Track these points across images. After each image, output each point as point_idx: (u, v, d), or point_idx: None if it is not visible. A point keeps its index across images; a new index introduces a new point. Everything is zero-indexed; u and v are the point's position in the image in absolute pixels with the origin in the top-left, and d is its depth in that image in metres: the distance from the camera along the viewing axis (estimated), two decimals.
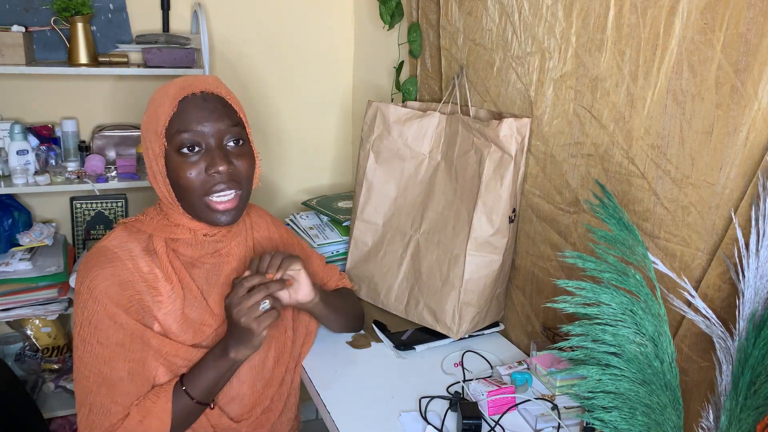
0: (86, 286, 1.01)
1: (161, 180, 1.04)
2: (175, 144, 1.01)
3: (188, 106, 1.01)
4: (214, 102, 1.03)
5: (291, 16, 2.10)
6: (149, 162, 1.06)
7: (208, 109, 1.02)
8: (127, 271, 1.03)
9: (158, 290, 1.05)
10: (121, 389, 1.00)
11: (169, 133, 1.01)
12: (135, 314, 1.03)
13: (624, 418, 0.88)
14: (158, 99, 1.04)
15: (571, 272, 1.22)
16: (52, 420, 1.91)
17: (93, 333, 1.00)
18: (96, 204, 2.01)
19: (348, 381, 1.23)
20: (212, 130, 1.02)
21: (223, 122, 1.03)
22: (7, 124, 1.74)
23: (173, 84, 1.05)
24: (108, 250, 1.05)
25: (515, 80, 1.32)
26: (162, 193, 1.06)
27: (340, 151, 2.30)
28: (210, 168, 1.02)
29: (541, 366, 1.21)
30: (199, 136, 1.01)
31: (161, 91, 1.06)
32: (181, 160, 1.01)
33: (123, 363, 1.01)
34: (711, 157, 0.93)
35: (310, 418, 2.01)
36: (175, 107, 1.01)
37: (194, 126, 1.01)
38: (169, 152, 1.02)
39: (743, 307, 0.86)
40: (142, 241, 1.07)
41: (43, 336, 1.96)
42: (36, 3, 1.79)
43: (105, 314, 1.00)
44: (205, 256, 1.11)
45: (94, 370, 1.00)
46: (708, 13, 0.91)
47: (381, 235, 1.47)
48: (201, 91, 1.02)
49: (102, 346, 1.00)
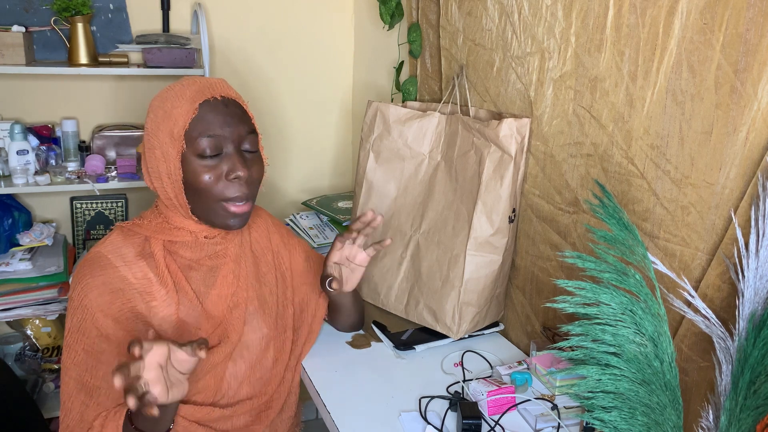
0: (77, 293, 1.02)
1: (171, 182, 1.03)
2: (195, 147, 1.01)
3: (210, 110, 1.01)
4: (234, 107, 1.04)
5: (291, 16, 2.10)
6: (155, 163, 1.04)
7: (229, 114, 1.03)
8: (119, 280, 1.03)
9: (152, 295, 1.05)
10: (98, 398, 1.01)
11: (190, 136, 1.00)
12: (126, 323, 1.03)
13: (624, 418, 0.88)
14: (173, 100, 1.02)
15: (570, 272, 1.23)
16: (52, 420, 1.91)
17: (79, 340, 1.01)
18: (96, 204, 2.01)
19: (348, 381, 1.23)
20: (233, 136, 1.03)
21: (242, 128, 1.04)
22: (7, 124, 1.74)
23: (186, 86, 1.03)
24: (101, 257, 1.05)
25: (515, 80, 1.32)
26: (167, 195, 1.05)
27: (340, 151, 2.31)
28: (230, 173, 1.02)
29: (541, 366, 1.21)
30: (221, 141, 1.02)
31: (174, 92, 1.03)
32: (200, 163, 1.01)
33: (104, 372, 1.00)
34: (711, 157, 0.93)
35: (310, 418, 2.01)
36: (196, 110, 1.00)
37: (217, 130, 1.01)
38: (186, 155, 1.01)
39: (743, 307, 0.86)
40: (137, 244, 1.07)
41: (43, 336, 1.96)
42: (36, 3, 1.79)
43: (92, 324, 1.01)
44: (204, 258, 1.11)
45: (74, 376, 1.01)
46: (707, 13, 0.91)
47: (381, 235, 1.47)
48: (222, 96, 1.03)
49: (86, 354, 1.01)
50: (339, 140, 2.29)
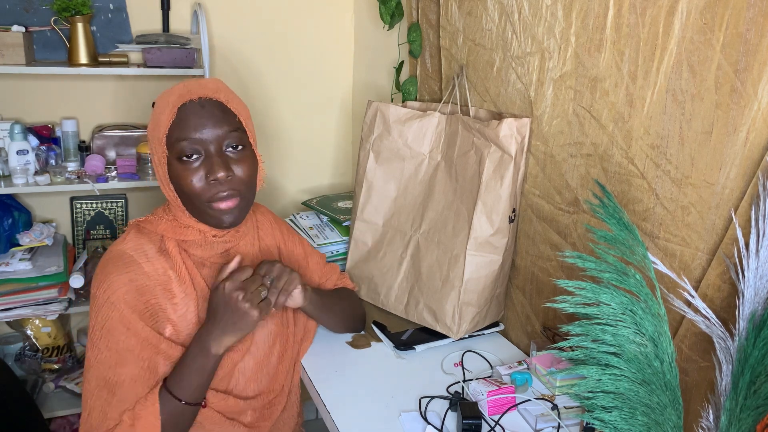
0: (103, 291, 1.03)
1: (167, 185, 1.06)
2: (175, 151, 1.02)
3: (186, 114, 1.02)
4: (211, 108, 1.03)
5: (291, 16, 2.10)
6: (155, 166, 1.07)
7: (205, 116, 1.02)
8: (144, 276, 1.05)
9: (173, 292, 1.07)
10: (121, 395, 1.01)
11: (170, 140, 1.02)
12: (149, 319, 1.04)
13: (624, 418, 0.88)
14: (161, 106, 1.05)
15: (571, 272, 1.23)
16: (52, 420, 1.91)
17: (103, 337, 1.02)
18: (96, 204, 2.01)
19: (348, 381, 1.23)
20: (210, 137, 1.02)
21: (221, 128, 1.03)
22: (7, 124, 1.74)
23: (174, 90, 1.05)
24: (125, 254, 1.06)
25: (515, 80, 1.32)
26: (170, 197, 1.08)
27: (340, 151, 2.31)
28: (209, 175, 1.02)
29: (541, 366, 1.21)
30: (197, 143, 1.02)
31: (164, 97, 1.06)
32: (182, 167, 1.02)
33: (128, 368, 1.01)
34: (711, 157, 0.93)
35: (310, 418, 2.01)
36: (174, 114, 1.01)
37: (192, 133, 1.01)
38: (171, 159, 1.03)
39: (743, 307, 0.86)
40: (155, 241, 1.09)
41: (43, 336, 1.96)
42: (36, 3, 1.79)
43: (119, 320, 1.01)
44: (215, 256, 1.12)
45: (97, 374, 1.02)
46: (707, 13, 0.91)
47: (381, 235, 1.47)
48: (199, 98, 1.03)
49: (110, 351, 1.01)
50: (339, 140, 2.29)
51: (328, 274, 1.38)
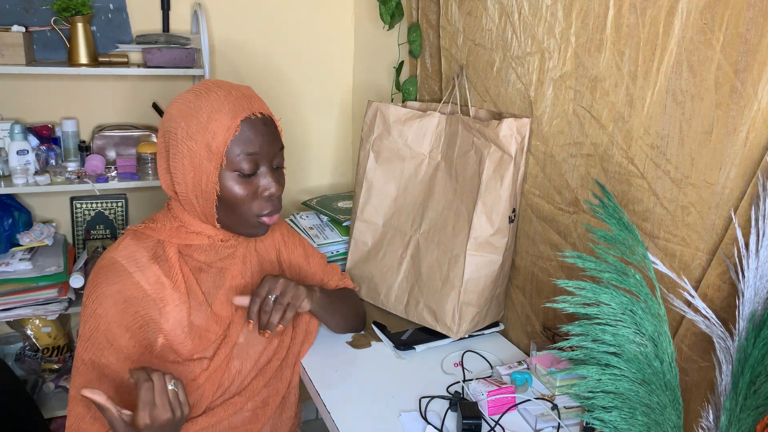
0: (92, 302, 1.03)
1: (202, 193, 1.03)
2: (233, 165, 1.01)
3: (251, 128, 1.02)
4: (271, 125, 1.06)
5: (291, 16, 2.10)
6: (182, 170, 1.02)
7: (268, 133, 1.05)
8: (133, 287, 1.04)
9: (165, 300, 1.06)
10: (94, 413, 1.00)
11: (230, 153, 1.01)
12: (138, 331, 1.04)
13: (624, 418, 0.88)
14: (209, 112, 1.00)
15: (571, 272, 1.23)
16: (52, 420, 1.91)
17: (87, 349, 1.02)
18: (96, 204, 2.01)
19: (348, 381, 1.23)
20: (270, 154, 1.05)
21: (276, 146, 1.07)
22: (7, 124, 1.74)
23: (223, 97, 1.02)
24: (116, 263, 1.05)
25: (515, 80, 1.32)
26: (190, 202, 1.05)
27: (340, 151, 2.31)
28: (265, 191, 1.05)
29: (541, 366, 1.21)
30: (259, 159, 1.04)
31: (209, 103, 1.01)
32: (240, 179, 1.03)
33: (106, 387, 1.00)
34: (711, 157, 0.93)
35: (310, 418, 2.01)
36: (238, 128, 1.01)
37: (257, 149, 1.03)
38: (223, 171, 1.02)
39: (743, 307, 0.86)
40: (149, 248, 1.08)
41: (43, 336, 1.96)
42: (36, 3, 1.79)
43: (104, 334, 1.02)
44: (217, 260, 1.12)
45: (77, 385, 1.02)
46: (707, 13, 0.91)
47: (381, 235, 1.47)
48: (261, 113, 1.04)
49: (91, 365, 1.02)
50: (339, 140, 2.29)
51: (329, 275, 1.38)
